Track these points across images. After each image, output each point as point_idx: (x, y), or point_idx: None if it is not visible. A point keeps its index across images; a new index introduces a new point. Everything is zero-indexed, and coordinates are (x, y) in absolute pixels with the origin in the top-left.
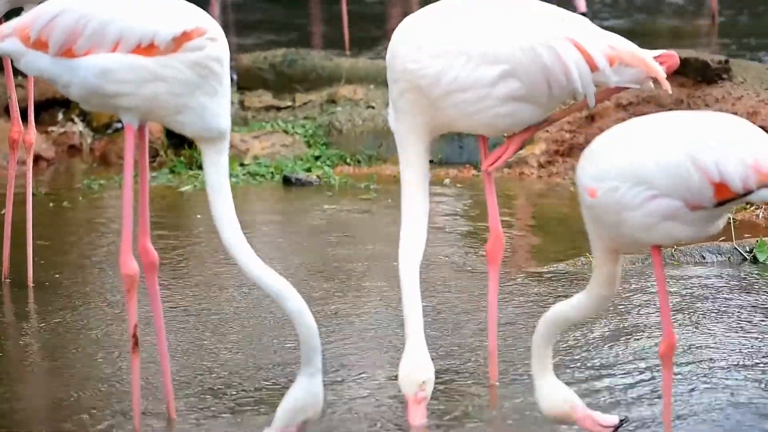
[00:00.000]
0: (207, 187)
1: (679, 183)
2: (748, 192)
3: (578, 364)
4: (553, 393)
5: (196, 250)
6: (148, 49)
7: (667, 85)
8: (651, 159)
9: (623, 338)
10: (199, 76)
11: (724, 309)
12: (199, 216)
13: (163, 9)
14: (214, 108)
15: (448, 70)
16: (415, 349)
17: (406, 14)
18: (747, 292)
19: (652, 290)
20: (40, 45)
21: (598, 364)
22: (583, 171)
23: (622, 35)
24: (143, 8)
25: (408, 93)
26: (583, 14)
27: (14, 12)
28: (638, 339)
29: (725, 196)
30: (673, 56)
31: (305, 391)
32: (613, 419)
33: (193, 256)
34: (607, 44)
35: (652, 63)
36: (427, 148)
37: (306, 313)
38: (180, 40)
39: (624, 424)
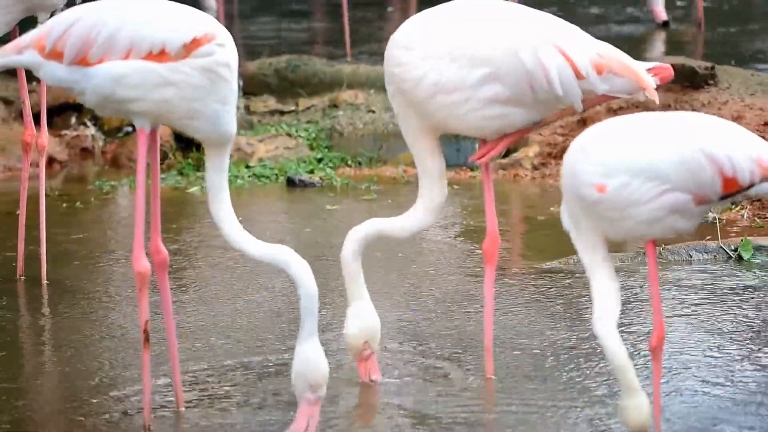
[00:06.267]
0: (207, 186)
1: (692, 177)
2: (751, 185)
3: (567, 354)
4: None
5: (205, 249)
6: (159, 55)
7: (655, 96)
8: (666, 154)
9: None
10: (209, 81)
11: (709, 305)
12: (207, 217)
13: (173, 16)
14: (226, 114)
15: (429, 72)
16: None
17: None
18: (731, 289)
19: (639, 286)
20: (55, 55)
21: (587, 356)
22: (585, 167)
23: (611, 43)
24: (153, 16)
25: (397, 95)
26: (665, 23)
27: (29, 24)
28: (628, 332)
29: (731, 189)
30: (668, 69)
31: (300, 358)
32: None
33: (202, 254)
34: (596, 52)
35: (642, 74)
36: (429, 146)
37: (307, 276)
38: (190, 47)
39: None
